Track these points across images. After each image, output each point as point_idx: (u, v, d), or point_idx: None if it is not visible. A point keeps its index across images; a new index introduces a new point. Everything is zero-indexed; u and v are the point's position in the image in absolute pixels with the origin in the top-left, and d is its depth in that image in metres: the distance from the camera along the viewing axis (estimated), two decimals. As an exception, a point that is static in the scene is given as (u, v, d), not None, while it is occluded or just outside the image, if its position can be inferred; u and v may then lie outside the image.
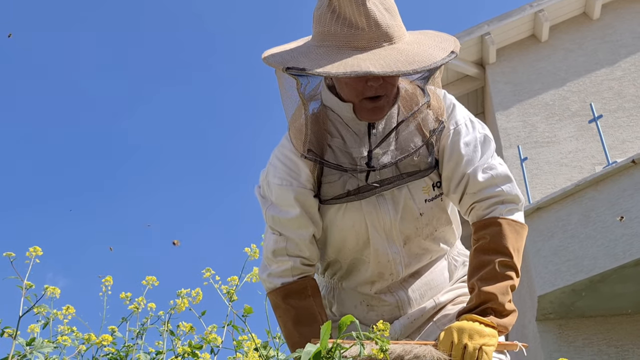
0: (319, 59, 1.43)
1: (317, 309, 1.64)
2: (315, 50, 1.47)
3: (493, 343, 1.43)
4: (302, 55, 1.47)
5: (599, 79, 8.53)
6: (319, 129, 1.62)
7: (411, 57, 1.41)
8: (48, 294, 2.78)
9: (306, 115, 1.57)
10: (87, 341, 2.84)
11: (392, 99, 1.58)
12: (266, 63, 1.49)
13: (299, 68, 1.42)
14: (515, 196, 1.62)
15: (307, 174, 1.64)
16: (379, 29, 1.43)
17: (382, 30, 1.44)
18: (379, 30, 1.43)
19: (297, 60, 1.45)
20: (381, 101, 1.53)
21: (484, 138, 1.67)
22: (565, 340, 6.06)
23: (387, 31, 1.44)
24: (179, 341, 2.91)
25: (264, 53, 1.51)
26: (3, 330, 2.59)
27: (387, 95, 1.54)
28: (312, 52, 1.47)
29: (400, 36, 1.47)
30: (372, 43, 1.43)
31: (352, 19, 1.43)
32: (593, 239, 5.57)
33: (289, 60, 1.46)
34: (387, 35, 1.44)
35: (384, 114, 1.57)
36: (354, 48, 1.43)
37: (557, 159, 7.96)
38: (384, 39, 1.44)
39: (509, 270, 1.53)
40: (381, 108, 1.55)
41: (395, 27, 1.46)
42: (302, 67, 1.42)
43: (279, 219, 1.67)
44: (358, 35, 1.43)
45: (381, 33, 1.44)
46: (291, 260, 1.67)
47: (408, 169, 1.62)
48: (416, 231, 1.68)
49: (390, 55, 1.41)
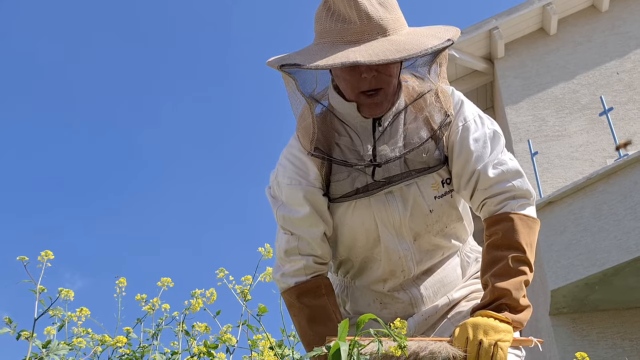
0: (312, 55, 1.45)
1: (331, 308, 1.65)
2: (311, 48, 1.50)
3: (508, 339, 1.42)
4: (298, 53, 1.50)
5: (609, 72, 8.48)
6: (326, 127, 1.64)
7: (402, 45, 1.42)
8: (62, 296, 2.80)
9: (312, 113, 1.59)
10: (102, 342, 2.86)
11: (392, 93, 1.59)
12: (267, 65, 1.51)
13: (291, 64, 1.45)
14: (526, 191, 1.61)
15: (315, 173, 1.65)
16: (371, 21, 1.45)
17: (374, 22, 1.45)
18: (371, 23, 1.45)
19: (292, 58, 1.48)
20: (379, 96, 1.54)
21: (494, 134, 1.67)
22: (579, 334, 6.05)
23: (380, 23, 1.45)
24: (195, 341, 2.92)
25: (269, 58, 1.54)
26: (19, 333, 2.61)
27: (384, 89, 1.54)
28: (308, 50, 1.50)
29: (396, 29, 1.48)
30: (364, 36, 1.45)
31: (345, 14, 1.46)
32: (606, 232, 5.55)
33: (285, 59, 1.49)
34: (381, 27, 1.46)
35: (383, 108, 1.58)
36: (347, 42, 1.45)
37: (567, 153, 7.93)
38: (377, 32, 1.45)
39: (522, 266, 1.53)
40: (379, 103, 1.56)
41: (389, 20, 1.47)
42: (294, 62, 1.44)
43: (289, 218, 1.68)
44: (350, 29, 1.45)
45: (373, 26, 1.45)
46: (304, 259, 1.67)
47: (416, 165, 1.63)
48: (426, 228, 1.68)
49: (381, 45, 1.42)
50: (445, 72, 1.64)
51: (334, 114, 1.65)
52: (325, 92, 1.67)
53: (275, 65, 1.48)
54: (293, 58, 1.47)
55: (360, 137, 1.63)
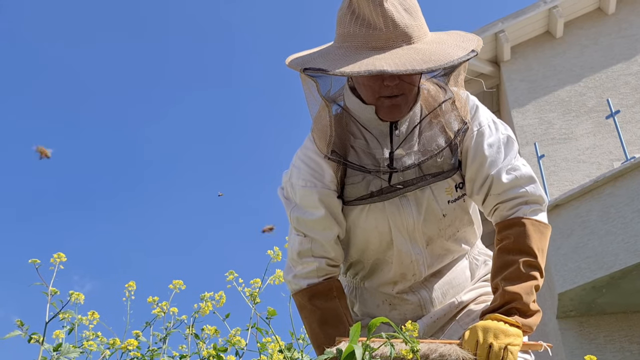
0: (336, 60, 1.44)
1: (342, 311, 1.65)
2: (334, 51, 1.49)
3: (518, 343, 1.43)
4: (321, 56, 1.49)
5: (616, 74, 8.46)
6: (342, 130, 1.63)
7: (428, 55, 1.41)
8: (72, 299, 2.80)
9: (330, 116, 1.58)
10: (111, 346, 2.87)
11: (412, 99, 1.58)
12: (288, 66, 1.50)
13: (316, 68, 1.44)
14: (539, 197, 1.62)
15: (330, 175, 1.65)
16: (397, 29, 1.43)
17: (400, 30, 1.44)
18: (397, 30, 1.43)
19: (315, 62, 1.46)
20: (399, 99, 1.53)
21: (507, 139, 1.67)
22: (587, 337, 6.03)
23: (405, 31, 1.44)
24: (204, 344, 2.93)
25: (287, 58, 1.53)
26: (30, 336, 2.62)
27: (405, 95, 1.54)
28: (331, 53, 1.48)
29: (420, 36, 1.47)
30: (389, 43, 1.43)
31: (370, 20, 1.44)
32: (613, 235, 5.54)
33: (308, 61, 1.48)
34: (406, 35, 1.44)
35: (402, 112, 1.57)
36: (372, 48, 1.43)
37: (574, 156, 7.91)
38: (402, 39, 1.44)
39: (533, 270, 1.53)
40: (398, 106, 1.55)
41: (414, 27, 1.46)
42: (319, 67, 1.43)
43: (303, 220, 1.68)
44: (375, 35, 1.43)
45: (399, 33, 1.44)
46: (317, 262, 1.68)
47: (431, 170, 1.63)
48: (439, 232, 1.69)
49: (407, 54, 1.41)
50: (463, 79, 1.63)
51: (350, 116, 1.64)
52: (341, 93, 1.66)
53: (297, 68, 1.47)
54: (317, 62, 1.46)
55: (376, 140, 1.62)
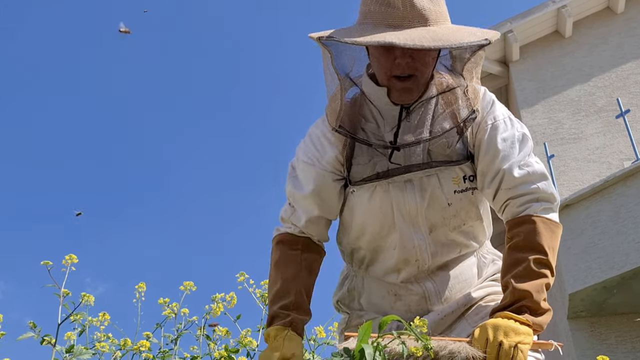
0: (352, 32, 1.51)
1: (302, 262, 1.75)
2: (354, 27, 1.55)
3: (528, 341, 1.42)
4: (340, 30, 1.55)
5: (625, 73, 8.42)
6: (354, 112, 1.69)
7: (438, 36, 1.46)
8: (83, 301, 2.82)
9: (342, 89, 1.64)
10: (122, 347, 2.89)
11: (423, 82, 1.62)
12: (309, 37, 1.56)
13: (329, 37, 1.50)
14: (550, 195, 1.62)
15: (331, 157, 1.71)
16: (414, 9, 1.49)
17: (416, 11, 1.49)
18: (414, 10, 1.49)
19: (332, 33, 1.53)
20: (410, 81, 1.58)
21: (522, 136, 1.68)
22: (598, 338, 6.00)
23: (422, 13, 1.50)
24: (215, 345, 2.93)
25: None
26: (43, 338, 2.64)
27: (416, 77, 1.58)
28: (350, 28, 1.56)
29: (437, 21, 1.52)
30: (405, 22, 1.49)
31: None
32: (624, 235, 5.51)
33: (326, 33, 1.54)
34: (422, 16, 1.50)
35: (413, 95, 1.61)
36: (388, 25, 1.50)
37: (584, 156, 7.88)
38: (419, 20, 1.50)
39: (543, 268, 1.53)
40: (410, 89, 1.60)
41: (432, 11, 1.51)
42: (331, 35, 1.50)
43: (293, 192, 1.78)
44: (393, 13, 1.50)
45: (415, 14, 1.49)
46: (296, 229, 1.79)
47: (439, 158, 1.66)
48: (443, 220, 1.69)
49: (418, 33, 1.46)
50: (480, 72, 1.67)
51: (365, 98, 1.69)
52: (360, 79, 1.71)
53: (315, 37, 1.53)
54: (333, 33, 1.52)
55: (386, 123, 1.66)
